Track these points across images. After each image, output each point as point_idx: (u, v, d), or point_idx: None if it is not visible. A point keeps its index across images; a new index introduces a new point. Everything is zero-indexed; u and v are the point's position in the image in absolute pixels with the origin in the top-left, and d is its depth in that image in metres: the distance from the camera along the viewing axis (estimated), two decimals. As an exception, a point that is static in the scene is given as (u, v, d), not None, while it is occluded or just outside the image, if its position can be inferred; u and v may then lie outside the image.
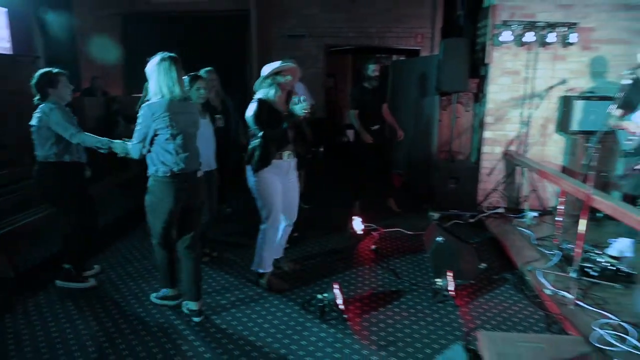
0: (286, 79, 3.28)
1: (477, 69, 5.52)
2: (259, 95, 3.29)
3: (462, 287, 3.50)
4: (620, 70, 4.48)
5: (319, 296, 3.17)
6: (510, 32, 4.96)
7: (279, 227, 3.53)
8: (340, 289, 3.20)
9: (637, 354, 2.63)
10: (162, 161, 2.81)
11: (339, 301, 3.13)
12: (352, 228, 4.71)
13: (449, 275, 3.39)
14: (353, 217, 4.75)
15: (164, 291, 3.29)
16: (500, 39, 4.98)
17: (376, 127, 5.12)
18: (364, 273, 3.90)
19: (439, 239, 3.70)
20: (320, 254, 4.29)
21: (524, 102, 5.20)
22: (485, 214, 5.21)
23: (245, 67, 7.82)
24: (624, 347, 2.69)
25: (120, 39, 8.66)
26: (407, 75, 6.55)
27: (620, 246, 3.94)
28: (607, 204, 3.15)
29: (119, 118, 6.32)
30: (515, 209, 5.28)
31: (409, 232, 4.75)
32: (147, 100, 2.83)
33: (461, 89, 5.28)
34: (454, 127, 5.72)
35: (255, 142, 3.27)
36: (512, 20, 4.99)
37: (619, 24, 5.01)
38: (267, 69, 3.26)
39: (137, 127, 2.78)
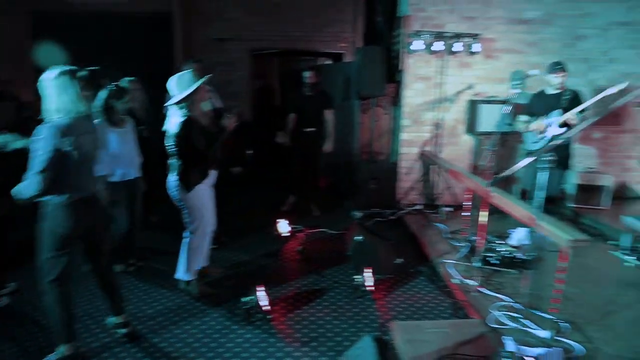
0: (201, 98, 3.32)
1: (394, 75, 5.86)
2: (178, 113, 3.25)
3: (380, 282, 3.77)
4: (521, 74, 5.00)
5: (244, 299, 3.30)
6: (422, 42, 5.34)
7: (206, 234, 3.61)
8: (266, 291, 3.35)
9: (524, 330, 3.01)
10: (60, 185, 2.51)
11: (264, 303, 3.27)
12: (278, 230, 4.86)
13: (368, 271, 3.64)
14: (278, 220, 4.91)
15: (59, 351, 2.73)
16: (413, 47, 5.35)
17: (310, 129, 5.35)
18: (289, 274, 4.07)
19: (358, 237, 3.94)
20: (246, 258, 4.40)
21: (437, 106, 5.61)
22: (404, 211, 5.57)
23: (170, 72, 7.69)
24: (514, 325, 3.06)
25: (31, 39, 8.18)
26: (331, 79, 6.80)
27: (519, 236, 4.41)
28: (501, 199, 3.54)
29: (30, 125, 6.01)
30: (431, 205, 5.68)
31: (333, 232, 4.98)
32: (43, 120, 2.52)
33: (378, 94, 5.59)
34: (374, 130, 6.04)
35: (183, 161, 3.29)
36: (423, 31, 5.38)
37: (515, 36, 5.56)
38: (177, 86, 3.23)
39: (38, 154, 2.40)
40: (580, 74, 5.70)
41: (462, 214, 4.39)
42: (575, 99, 4.13)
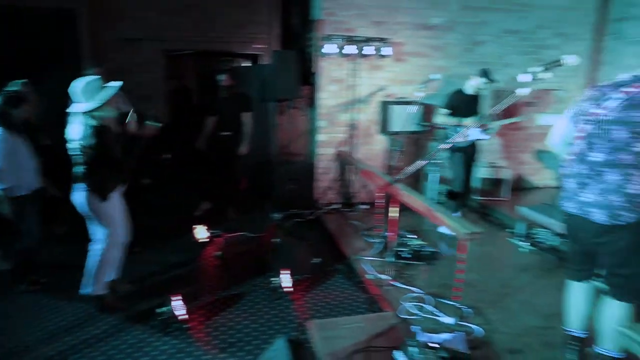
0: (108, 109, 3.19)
1: (310, 77, 5.97)
2: (83, 120, 3.09)
3: (298, 282, 3.84)
4: (425, 78, 5.34)
5: (159, 310, 3.22)
6: (334, 45, 5.49)
7: (118, 245, 3.47)
8: (183, 300, 3.29)
9: (431, 318, 3.23)
10: None
11: (180, 312, 3.22)
12: (196, 236, 4.78)
13: (285, 272, 3.70)
14: (196, 226, 4.82)
15: None
16: (325, 50, 5.49)
17: (227, 133, 5.30)
18: (207, 280, 4.02)
19: (276, 239, 3.99)
20: (162, 267, 4.27)
21: (351, 107, 5.80)
22: (322, 211, 5.70)
23: (77, 73, 7.25)
24: (423, 314, 3.27)
25: None
26: (248, 81, 6.77)
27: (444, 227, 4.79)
28: (406, 195, 3.75)
29: None
30: (348, 203, 5.87)
31: (252, 235, 4.98)
32: None
33: (292, 97, 5.65)
34: (292, 131, 6.12)
35: (96, 170, 3.14)
36: (335, 34, 5.53)
37: (420, 41, 5.89)
38: (83, 94, 3.08)
39: None
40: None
41: (375, 211, 4.58)
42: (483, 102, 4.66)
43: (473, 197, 6.05)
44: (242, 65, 9.78)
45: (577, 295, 2.71)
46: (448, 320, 3.16)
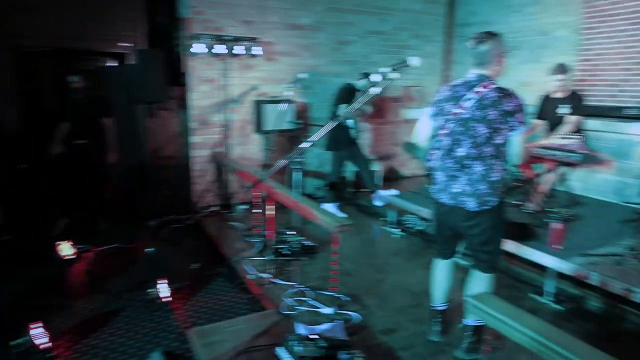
0: None
1: (180, 77, 5.75)
2: None
3: (177, 291, 3.70)
4: (295, 77, 5.46)
5: (14, 342, 2.87)
6: (203, 45, 5.35)
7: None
8: (44, 327, 2.97)
9: (312, 310, 3.34)
10: None
11: (42, 341, 2.91)
12: (60, 254, 4.34)
13: (162, 282, 3.54)
14: (59, 243, 4.38)
15: None
16: (194, 50, 5.33)
17: (82, 142, 4.86)
18: (75, 301, 3.68)
19: (149, 249, 3.80)
20: (21, 292, 3.81)
21: (224, 107, 5.71)
22: (201, 214, 5.55)
23: None
24: (304, 308, 3.36)
25: None
26: (112, 82, 6.30)
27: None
28: (280, 193, 3.81)
29: None
30: (227, 205, 5.79)
31: (125, 246, 4.67)
32: None
33: (160, 99, 5.37)
34: (164, 134, 5.85)
35: None
36: (203, 34, 5.39)
37: (290, 40, 6.01)
38: None
39: None
40: (348, 74, 6.48)
41: (253, 211, 4.59)
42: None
43: (348, 189, 6.37)
44: (107, 65, 9.08)
45: (441, 272, 2.99)
46: (327, 310, 3.29)
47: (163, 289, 3.51)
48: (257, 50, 5.64)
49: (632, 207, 4.37)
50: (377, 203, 5.47)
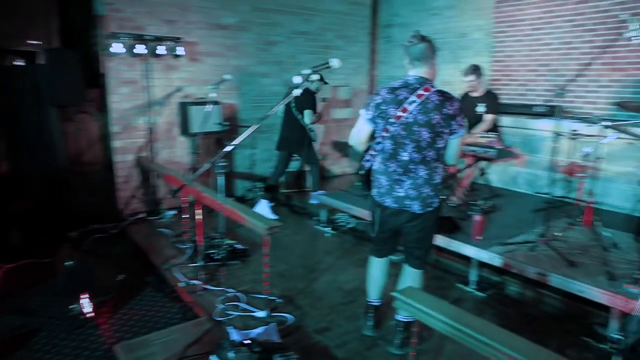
0: None
1: (98, 78, 5.44)
2: None
3: (102, 305, 3.50)
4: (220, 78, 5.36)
5: None
6: (122, 44, 5.09)
7: None
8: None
9: (246, 315, 3.30)
10: None
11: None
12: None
13: (85, 297, 3.34)
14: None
15: None
16: (113, 50, 5.06)
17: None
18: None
19: (68, 262, 3.56)
20: None
21: (147, 110, 5.48)
22: (128, 222, 5.30)
23: None
24: (237, 313, 3.32)
25: None
26: (19, 83, 5.83)
27: (260, 208, 4.99)
28: (207, 197, 3.73)
29: None
30: (155, 211, 5.57)
31: (43, 261, 4.34)
32: None
33: (75, 101, 5.06)
34: (83, 139, 5.50)
35: None
36: (122, 32, 5.13)
37: (215, 40, 5.89)
38: None
39: None
40: (276, 74, 6.48)
41: (183, 216, 4.45)
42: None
43: (281, 190, 6.36)
44: (13, 64, 8.39)
45: (377, 269, 3.03)
46: (261, 314, 3.27)
47: (86, 304, 3.31)
48: (180, 50, 5.46)
49: (542, 197, 4.73)
50: (314, 202, 5.54)
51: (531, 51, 5.79)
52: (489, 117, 4.77)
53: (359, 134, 2.78)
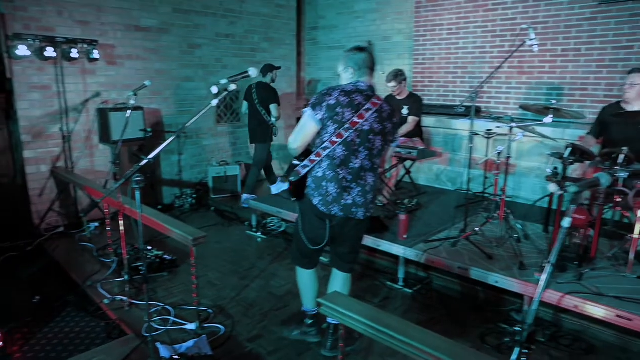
0: None
1: (4, 83, 5.02)
2: None
3: (14, 331, 3.25)
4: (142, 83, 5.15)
5: None
6: (27, 47, 4.73)
7: None
8: None
9: (177, 328, 3.20)
10: None
11: None
12: None
13: (-7, 324, 3.08)
14: None
15: None
16: (18, 52, 4.69)
17: None
18: None
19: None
20: None
21: (62, 117, 5.14)
22: (44, 237, 4.95)
23: None
24: (166, 327, 3.21)
25: None
26: None
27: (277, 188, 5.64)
28: (130, 208, 3.57)
29: None
30: (76, 224, 5.25)
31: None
32: None
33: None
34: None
35: None
36: (27, 34, 4.77)
37: (135, 43, 5.64)
38: None
39: None
40: (201, 78, 6.34)
41: (107, 228, 4.23)
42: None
43: (210, 195, 6.22)
44: None
45: (311, 280, 2.98)
46: (191, 326, 3.19)
47: (-5, 332, 3.05)
48: (96, 53, 5.16)
49: (464, 194, 5.00)
50: (244, 205, 5.53)
51: (449, 54, 6.11)
52: (411, 119, 4.96)
53: (302, 134, 2.55)
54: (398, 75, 4.92)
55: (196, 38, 6.27)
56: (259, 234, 5.13)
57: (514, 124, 3.79)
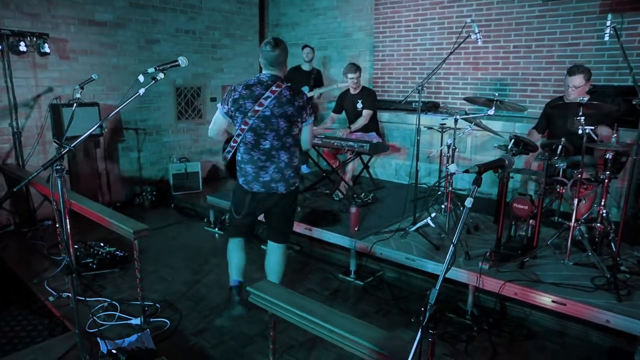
0: None
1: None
2: None
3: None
4: (101, 78, 5.06)
5: None
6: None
7: None
8: None
9: (122, 323, 3.16)
10: None
11: None
12: None
13: None
14: None
15: None
16: (-38, 45, 4.55)
17: None
18: None
19: None
20: None
21: (12, 112, 5.00)
22: (-7, 236, 4.81)
23: None
24: (112, 322, 3.17)
25: None
26: None
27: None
28: (79, 205, 3.52)
29: None
30: (27, 222, 5.11)
31: None
32: None
33: None
34: None
35: None
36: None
37: (90, 37, 5.53)
38: None
39: None
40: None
41: (57, 225, 4.14)
42: None
43: (172, 193, 6.15)
44: None
45: (238, 250, 3.17)
46: (136, 321, 3.15)
47: None
48: (46, 47, 5.02)
49: (420, 187, 5.06)
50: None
51: (408, 51, 6.18)
52: (365, 113, 5.01)
53: (215, 126, 2.97)
54: (359, 68, 5.00)
55: (154, 33, 6.18)
56: (216, 229, 5.09)
57: (458, 117, 3.87)
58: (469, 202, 1.49)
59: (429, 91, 5.98)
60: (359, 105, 5.05)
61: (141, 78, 2.43)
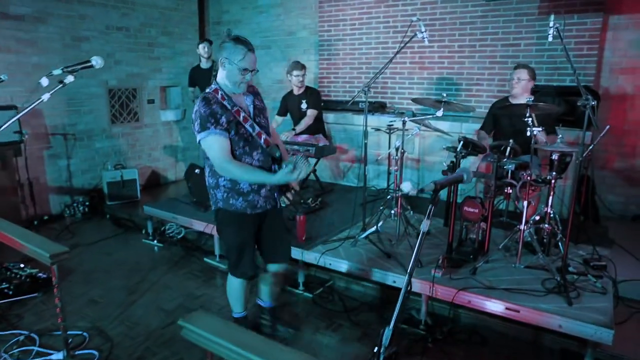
0: None
1: None
2: None
3: None
4: (20, 78, 4.59)
5: None
6: None
7: None
8: None
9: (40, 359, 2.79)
10: None
11: None
12: None
13: None
14: None
15: None
16: None
17: None
18: None
19: None
20: None
21: None
22: None
23: None
24: (27, 358, 2.79)
25: None
26: None
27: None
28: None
29: None
30: None
31: None
32: None
33: None
34: None
35: None
36: None
37: (4, 32, 4.98)
38: None
39: None
40: (90, 74, 5.75)
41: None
42: None
43: (107, 202, 5.71)
44: None
45: (244, 286, 2.86)
46: (58, 356, 2.79)
47: None
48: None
49: (369, 190, 4.95)
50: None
51: (353, 50, 6.06)
52: (310, 112, 4.84)
53: (226, 153, 2.44)
54: (304, 66, 4.82)
55: (82, 30, 5.68)
56: (155, 242, 4.74)
57: (406, 118, 3.76)
58: (424, 225, 1.32)
59: (376, 91, 5.88)
60: (304, 106, 4.86)
61: (45, 81, 2.11)
